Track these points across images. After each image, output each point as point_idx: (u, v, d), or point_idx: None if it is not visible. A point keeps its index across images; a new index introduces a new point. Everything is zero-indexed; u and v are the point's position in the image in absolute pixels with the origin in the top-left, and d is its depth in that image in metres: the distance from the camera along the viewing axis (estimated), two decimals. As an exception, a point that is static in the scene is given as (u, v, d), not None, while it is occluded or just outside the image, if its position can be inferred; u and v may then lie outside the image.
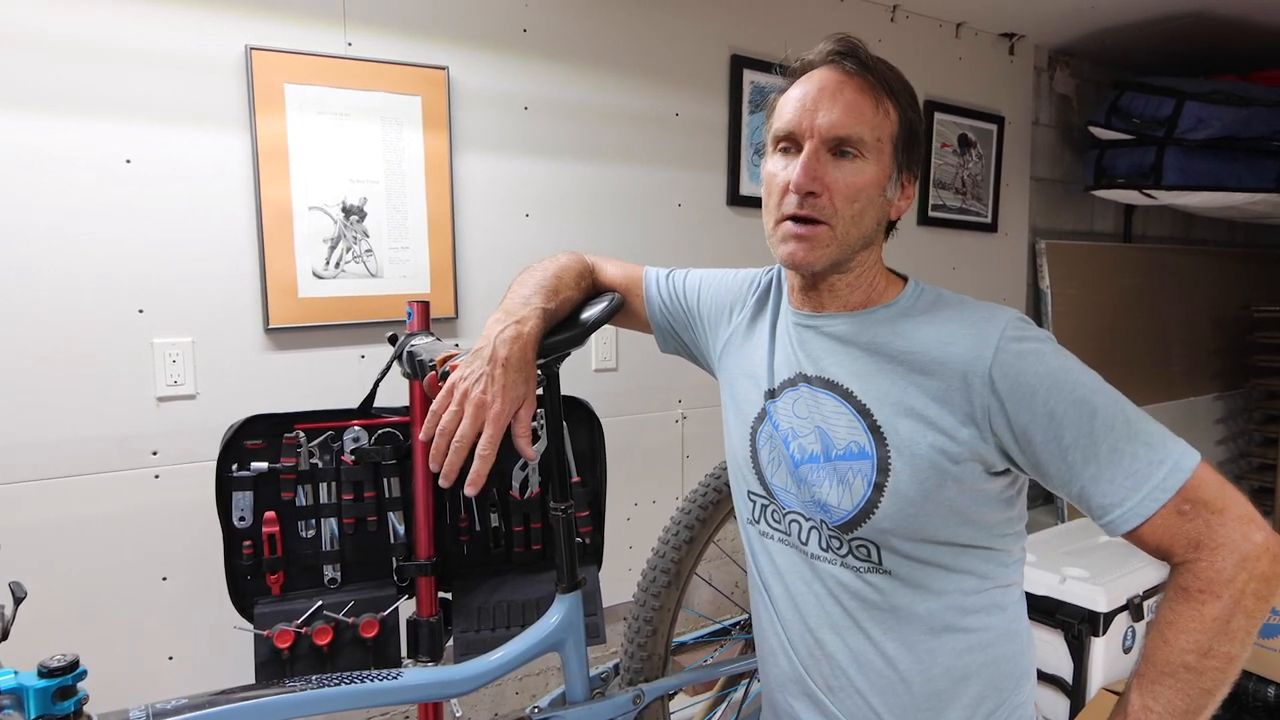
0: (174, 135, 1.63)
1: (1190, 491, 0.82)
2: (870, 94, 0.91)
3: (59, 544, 1.58)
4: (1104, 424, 0.83)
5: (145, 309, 1.63)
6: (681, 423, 2.39)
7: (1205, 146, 2.90)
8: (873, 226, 0.94)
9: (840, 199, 0.91)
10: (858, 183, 0.91)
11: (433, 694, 1.11)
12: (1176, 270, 3.78)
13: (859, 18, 2.65)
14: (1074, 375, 0.85)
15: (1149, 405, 3.54)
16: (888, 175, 0.93)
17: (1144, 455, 0.83)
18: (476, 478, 0.91)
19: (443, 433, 0.93)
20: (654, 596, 1.34)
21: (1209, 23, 2.88)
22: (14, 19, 1.48)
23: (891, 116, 0.92)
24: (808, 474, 0.97)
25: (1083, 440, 0.83)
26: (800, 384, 1.00)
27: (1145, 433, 0.84)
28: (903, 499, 0.89)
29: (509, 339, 0.96)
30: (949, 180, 2.94)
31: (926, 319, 0.94)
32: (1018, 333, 0.87)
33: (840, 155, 0.91)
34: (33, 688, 0.80)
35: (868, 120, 0.90)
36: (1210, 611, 0.81)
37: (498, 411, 0.92)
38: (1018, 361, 0.86)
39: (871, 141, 0.90)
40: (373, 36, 1.82)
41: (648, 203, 2.27)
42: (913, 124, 0.94)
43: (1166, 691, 0.83)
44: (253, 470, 1.30)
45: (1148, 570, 2.21)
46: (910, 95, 0.95)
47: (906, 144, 0.94)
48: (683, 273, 1.21)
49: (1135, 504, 0.82)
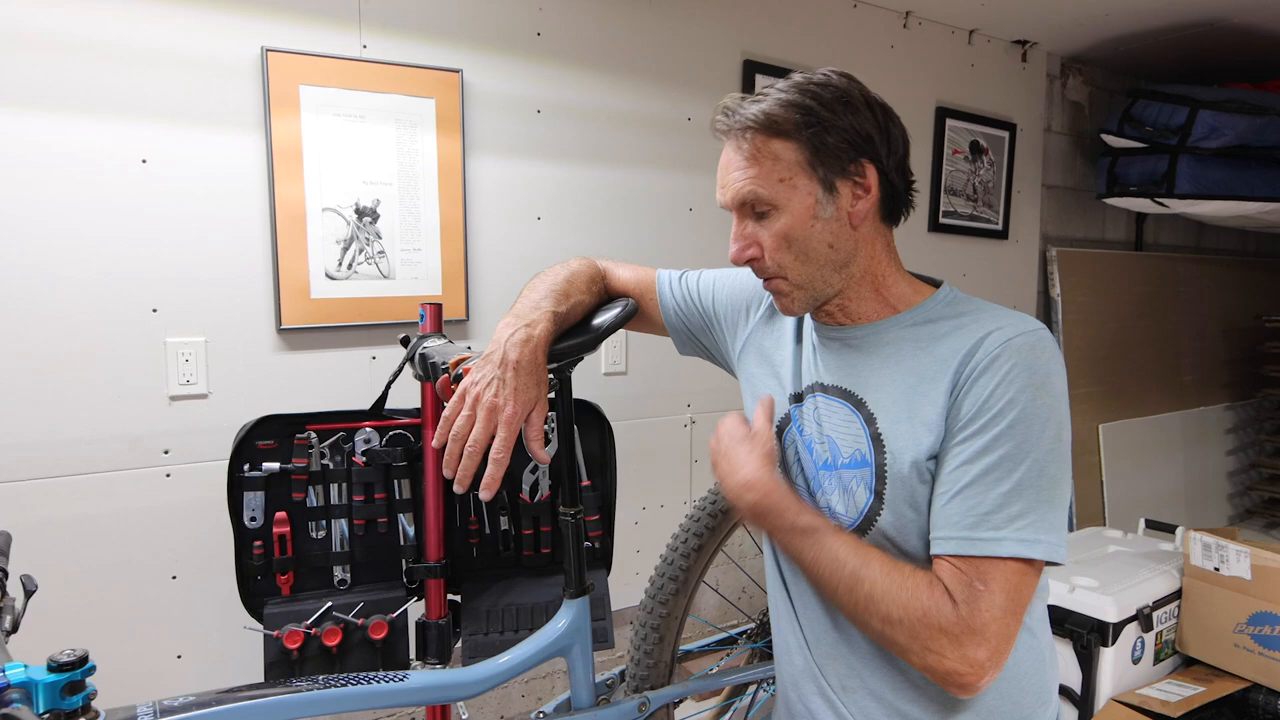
0: (190, 136, 1.64)
1: (1001, 579, 0.81)
2: (751, 152, 0.91)
3: (70, 541, 1.59)
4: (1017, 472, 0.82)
5: (159, 308, 1.64)
6: (690, 427, 2.39)
7: (1218, 155, 2.88)
8: (826, 252, 0.93)
9: (774, 253, 0.93)
10: (779, 231, 0.92)
11: (440, 696, 1.11)
12: (1188, 279, 3.76)
13: (871, 24, 2.64)
14: (1039, 416, 0.84)
15: (1159, 414, 3.53)
16: (813, 201, 0.91)
17: (1006, 521, 0.82)
18: (491, 482, 0.91)
19: (455, 438, 0.93)
20: (661, 604, 1.34)
21: (1223, 31, 2.87)
22: (33, 20, 1.49)
23: (784, 154, 0.90)
24: (823, 480, 0.98)
25: (980, 460, 0.83)
26: (818, 393, 1.00)
27: (1026, 506, 0.82)
28: (899, 506, 0.90)
29: (519, 342, 0.96)
30: (960, 187, 2.93)
31: (952, 323, 0.93)
32: (1032, 347, 0.86)
33: (759, 216, 0.93)
34: (42, 682, 0.80)
35: (756, 176, 0.91)
36: (864, 586, 0.85)
37: (510, 414, 0.92)
38: (1003, 366, 0.85)
39: (771, 191, 0.91)
40: (388, 39, 1.83)
41: (659, 206, 2.27)
42: (818, 138, 0.89)
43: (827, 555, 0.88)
44: (264, 470, 1.30)
45: (1158, 580, 2.20)
46: (805, 110, 0.89)
47: (821, 158, 0.90)
48: (696, 274, 1.21)
49: (953, 539, 0.84)
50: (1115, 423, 3.33)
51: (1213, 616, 2.17)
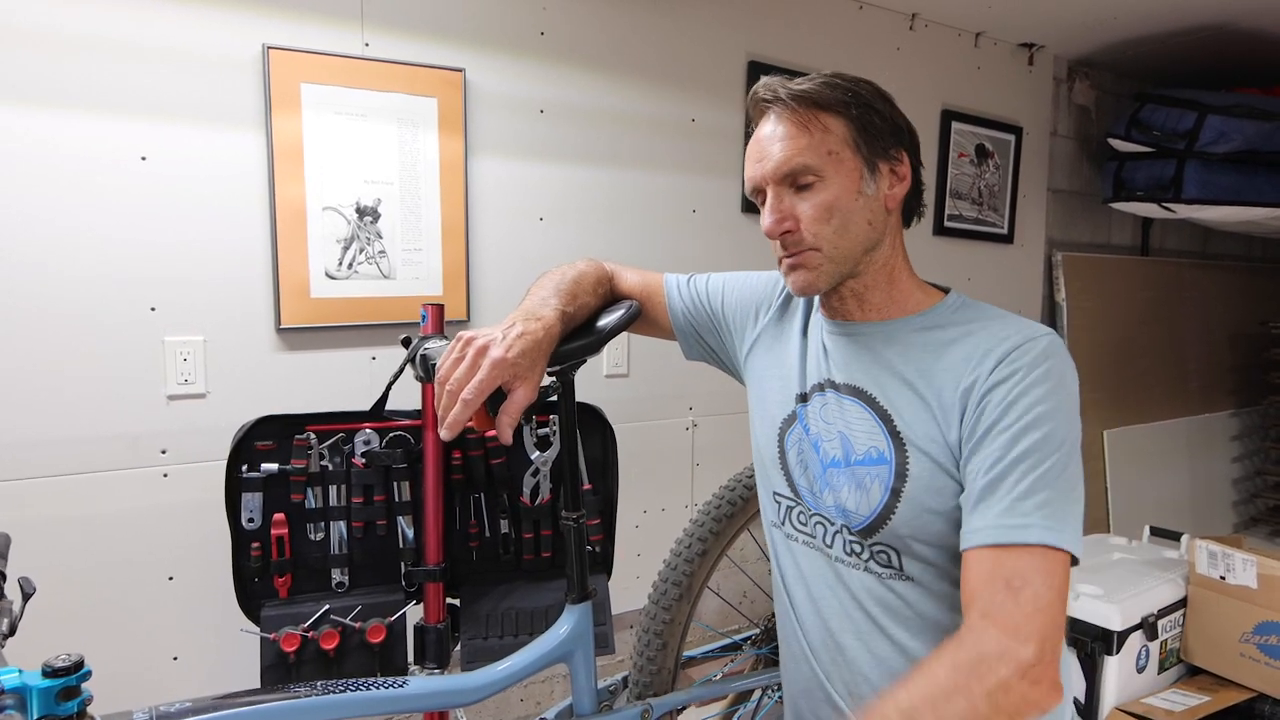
0: (190, 133, 1.62)
1: (1028, 572, 0.79)
2: (800, 123, 0.93)
3: (66, 540, 1.58)
4: (1035, 466, 0.82)
5: (157, 307, 1.62)
6: (692, 430, 2.37)
7: (1227, 160, 2.86)
8: (864, 229, 0.95)
9: (813, 224, 0.93)
10: (823, 202, 0.93)
11: (439, 703, 1.10)
12: (1194, 285, 3.74)
13: (877, 25, 2.63)
14: (1052, 415, 0.84)
15: (1164, 421, 3.51)
16: (857, 177, 0.94)
17: (1029, 513, 0.81)
18: (453, 421, 0.91)
19: (440, 380, 0.93)
20: (665, 610, 1.32)
21: (1231, 35, 2.86)
22: (33, 16, 1.47)
23: (833, 128, 0.93)
24: (832, 478, 0.98)
25: (1003, 459, 0.83)
26: (828, 390, 1.00)
27: (1045, 498, 0.81)
28: (916, 505, 0.90)
29: (528, 322, 0.98)
30: (965, 190, 2.91)
31: (960, 330, 0.94)
32: (1045, 353, 0.87)
33: (801, 188, 0.93)
34: (36, 687, 0.79)
35: (805, 146, 0.92)
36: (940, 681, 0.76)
37: (498, 358, 0.92)
38: (1019, 369, 0.86)
39: (819, 161, 0.92)
40: (390, 37, 1.82)
41: (662, 208, 2.26)
42: (864, 118, 0.94)
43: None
44: (263, 471, 1.29)
45: (1163, 588, 2.18)
46: (851, 93, 0.94)
47: (867, 138, 0.94)
48: (704, 277, 1.20)
49: (985, 529, 0.82)
50: (1120, 429, 3.31)
51: (1218, 625, 2.15)
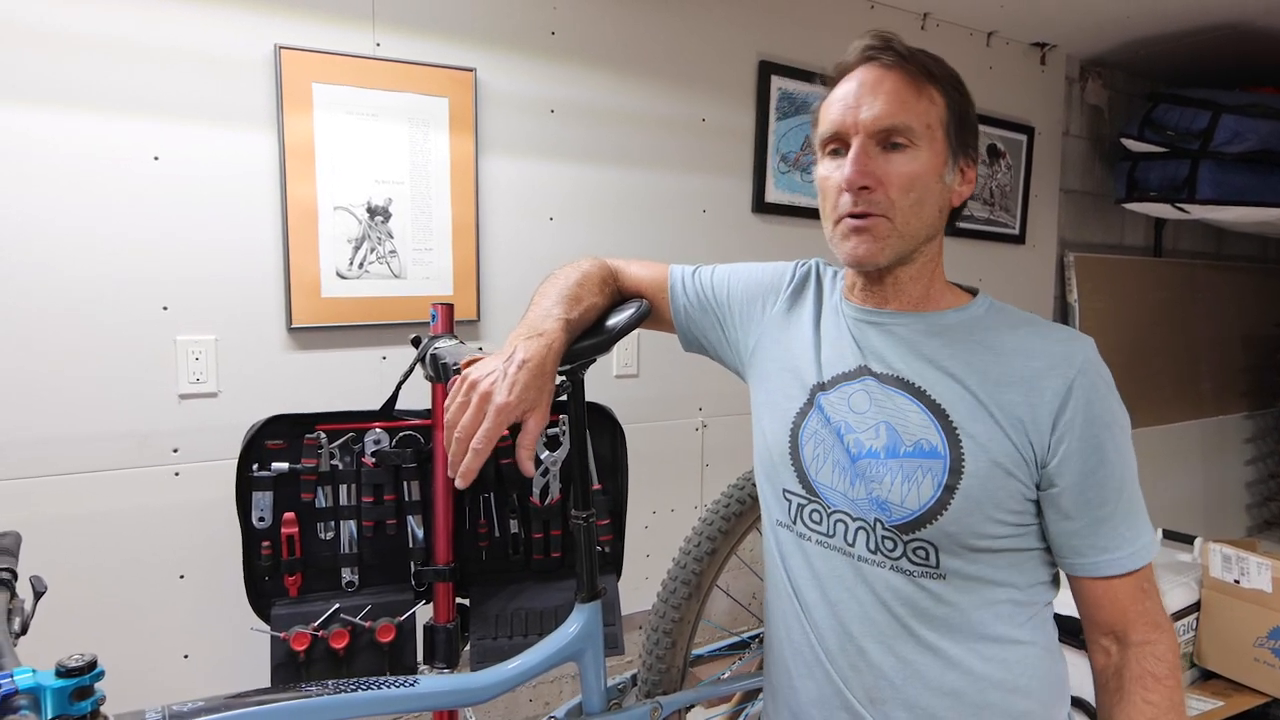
0: (202, 133, 1.63)
1: (1151, 573, 0.92)
2: (911, 83, 0.90)
3: (78, 539, 1.59)
4: (1131, 478, 0.92)
5: (169, 306, 1.63)
6: (702, 430, 2.37)
7: (1241, 160, 2.84)
8: (934, 215, 0.93)
9: (896, 190, 0.89)
10: (912, 171, 0.89)
11: (449, 702, 1.10)
12: (1207, 286, 3.71)
13: (889, 24, 2.60)
14: (1127, 425, 0.92)
15: (1177, 423, 3.49)
16: (943, 161, 0.92)
17: (1140, 523, 0.92)
18: (466, 471, 0.87)
19: (448, 425, 0.90)
20: (674, 608, 1.32)
21: (1245, 35, 2.83)
22: (45, 16, 1.48)
23: (937, 102, 0.91)
24: (867, 469, 0.94)
25: (1111, 483, 0.90)
26: (866, 378, 0.97)
27: (1141, 503, 0.94)
28: (971, 502, 0.88)
29: (532, 344, 0.94)
30: (977, 191, 2.90)
31: (1008, 331, 0.94)
32: (1099, 363, 0.91)
33: (891, 148, 0.90)
34: (50, 687, 0.79)
35: (912, 108, 0.89)
36: (1178, 697, 0.90)
37: (501, 404, 0.87)
38: (1093, 392, 0.89)
39: (920, 129, 0.89)
40: (401, 37, 1.82)
41: (672, 208, 2.26)
42: (961, 108, 0.93)
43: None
44: (273, 470, 1.29)
45: (1175, 591, 2.16)
46: (955, 80, 0.93)
47: (958, 128, 0.92)
48: (709, 269, 1.18)
49: (1123, 556, 0.90)
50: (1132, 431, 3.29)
51: (1232, 629, 2.13)
